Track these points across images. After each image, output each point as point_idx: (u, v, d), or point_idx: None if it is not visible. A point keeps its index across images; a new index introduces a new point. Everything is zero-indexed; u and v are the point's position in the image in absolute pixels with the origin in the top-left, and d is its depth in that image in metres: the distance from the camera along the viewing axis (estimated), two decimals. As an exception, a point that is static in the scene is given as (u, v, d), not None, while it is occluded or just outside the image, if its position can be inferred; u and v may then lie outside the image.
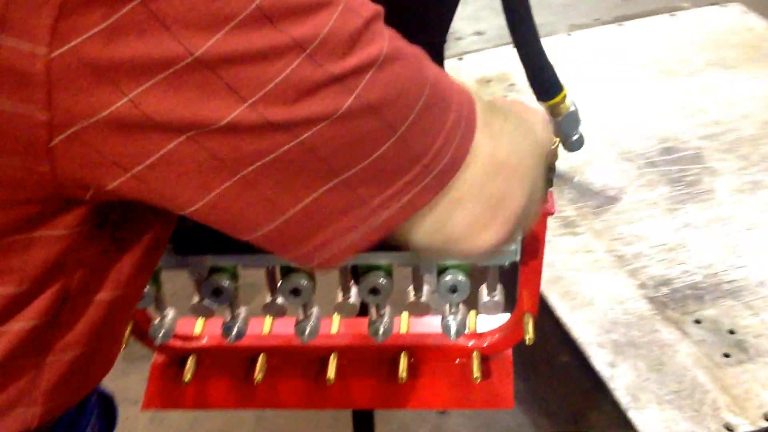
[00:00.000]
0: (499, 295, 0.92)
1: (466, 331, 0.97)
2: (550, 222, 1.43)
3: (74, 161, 0.42)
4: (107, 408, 0.76)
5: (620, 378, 1.12)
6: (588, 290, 1.26)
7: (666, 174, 1.48)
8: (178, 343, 1.07)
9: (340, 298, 0.94)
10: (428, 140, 0.46)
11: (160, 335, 1.00)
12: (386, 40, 0.45)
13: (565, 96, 0.82)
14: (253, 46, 0.40)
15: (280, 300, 0.94)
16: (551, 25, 2.64)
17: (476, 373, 0.97)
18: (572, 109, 0.83)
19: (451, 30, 3.02)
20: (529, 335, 0.94)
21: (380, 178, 0.46)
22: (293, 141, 0.43)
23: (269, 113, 0.42)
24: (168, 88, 0.40)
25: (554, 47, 1.96)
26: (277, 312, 0.96)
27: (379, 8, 0.47)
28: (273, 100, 0.41)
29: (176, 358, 1.08)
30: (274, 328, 1.05)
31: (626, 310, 1.22)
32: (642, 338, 1.18)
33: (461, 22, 2.74)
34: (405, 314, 1.02)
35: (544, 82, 0.81)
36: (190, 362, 1.05)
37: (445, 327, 0.94)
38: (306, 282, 0.90)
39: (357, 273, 0.90)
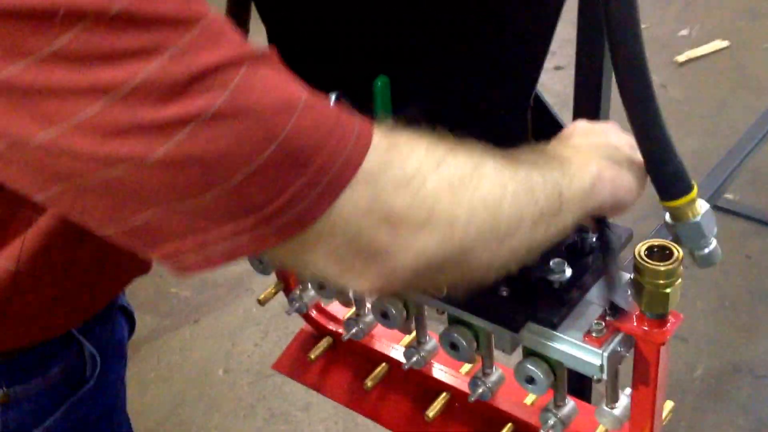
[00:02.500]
0: (620, 410, 0.80)
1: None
2: None
3: None
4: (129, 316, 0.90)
5: None
6: None
7: None
8: (322, 321, 1.08)
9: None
10: (267, 195, 0.47)
11: (296, 305, 1.03)
12: (228, 91, 0.45)
13: (692, 200, 0.65)
14: (53, 82, 0.42)
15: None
16: None
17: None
18: (696, 220, 0.66)
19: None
20: None
21: (215, 216, 0.47)
22: (100, 172, 0.45)
23: (75, 144, 0.44)
24: None
25: None
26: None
27: (249, 53, 0.46)
28: (82, 132, 0.43)
29: (319, 334, 1.09)
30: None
31: None
32: None
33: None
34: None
35: (666, 177, 0.65)
36: (323, 342, 1.07)
37: (542, 417, 0.86)
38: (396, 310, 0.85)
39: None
